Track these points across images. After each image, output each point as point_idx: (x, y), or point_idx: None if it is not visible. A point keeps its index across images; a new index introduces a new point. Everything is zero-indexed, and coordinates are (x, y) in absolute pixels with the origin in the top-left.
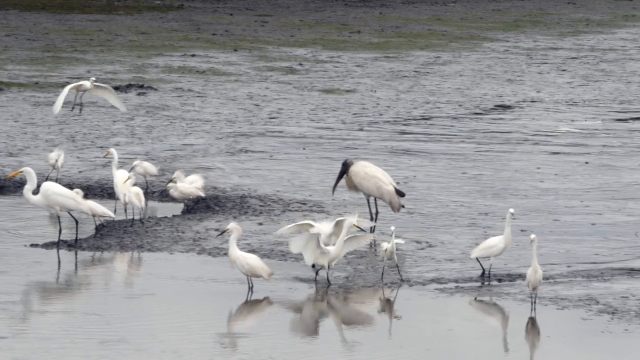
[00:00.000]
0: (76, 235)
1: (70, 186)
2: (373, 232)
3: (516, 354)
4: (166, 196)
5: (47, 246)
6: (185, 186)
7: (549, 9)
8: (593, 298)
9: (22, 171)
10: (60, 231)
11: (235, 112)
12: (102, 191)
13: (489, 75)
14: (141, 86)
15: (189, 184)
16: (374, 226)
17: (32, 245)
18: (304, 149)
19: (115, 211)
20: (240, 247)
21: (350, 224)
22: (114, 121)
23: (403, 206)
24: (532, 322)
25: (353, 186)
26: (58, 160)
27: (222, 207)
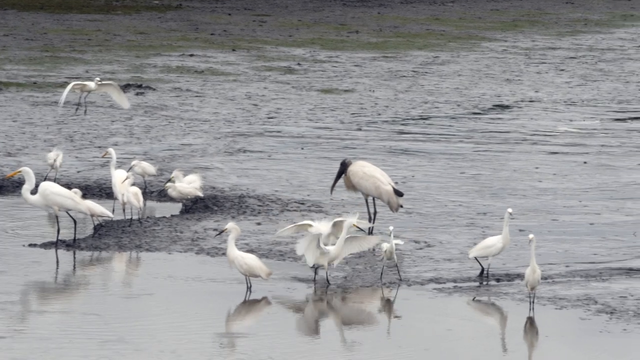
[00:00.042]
0: (74, 235)
1: (69, 186)
2: (372, 234)
3: (514, 353)
4: (164, 196)
5: (46, 246)
6: (183, 186)
7: (547, 8)
8: (591, 298)
9: (20, 171)
10: (59, 231)
11: (233, 112)
12: (101, 191)
13: (487, 75)
14: (139, 86)
15: (187, 184)
16: (372, 227)
17: (30, 245)
18: (302, 148)
19: (113, 211)
20: (238, 247)
21: (350, 224)
22: (112, 121)
23: (401, 206)
24: (530, 321)
25: (351, 186)
26: (56, 160)
27: (221, 207)
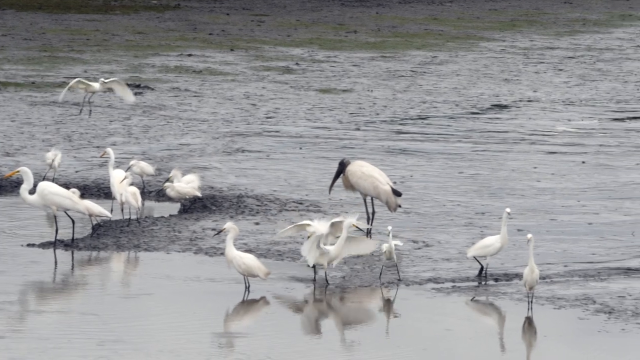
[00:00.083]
0: (73, 235)
1: (67, 186)
2: (370, 237)
3: (513, 353)
4: (163, 196)
5: (44, 246)
6: (182, 186)
7: (545, 8)
8: (590, 297)
9: (18, 171)
10: (57, 231)
11: (231, 111)
12: (99, 191)
13: (485, 74)
14: (138, 86)
15: (185, 184)
16: (370, 228)
17: (28, 245)
18: (300, 148)
19: (111, 211)
20: (237, 246)
21: (349, 224)
22: (110, 121)
23: (400, 206)
24: (528, 321)
25: (350, 186)
26: (55, 160)
27: (219, 206)
